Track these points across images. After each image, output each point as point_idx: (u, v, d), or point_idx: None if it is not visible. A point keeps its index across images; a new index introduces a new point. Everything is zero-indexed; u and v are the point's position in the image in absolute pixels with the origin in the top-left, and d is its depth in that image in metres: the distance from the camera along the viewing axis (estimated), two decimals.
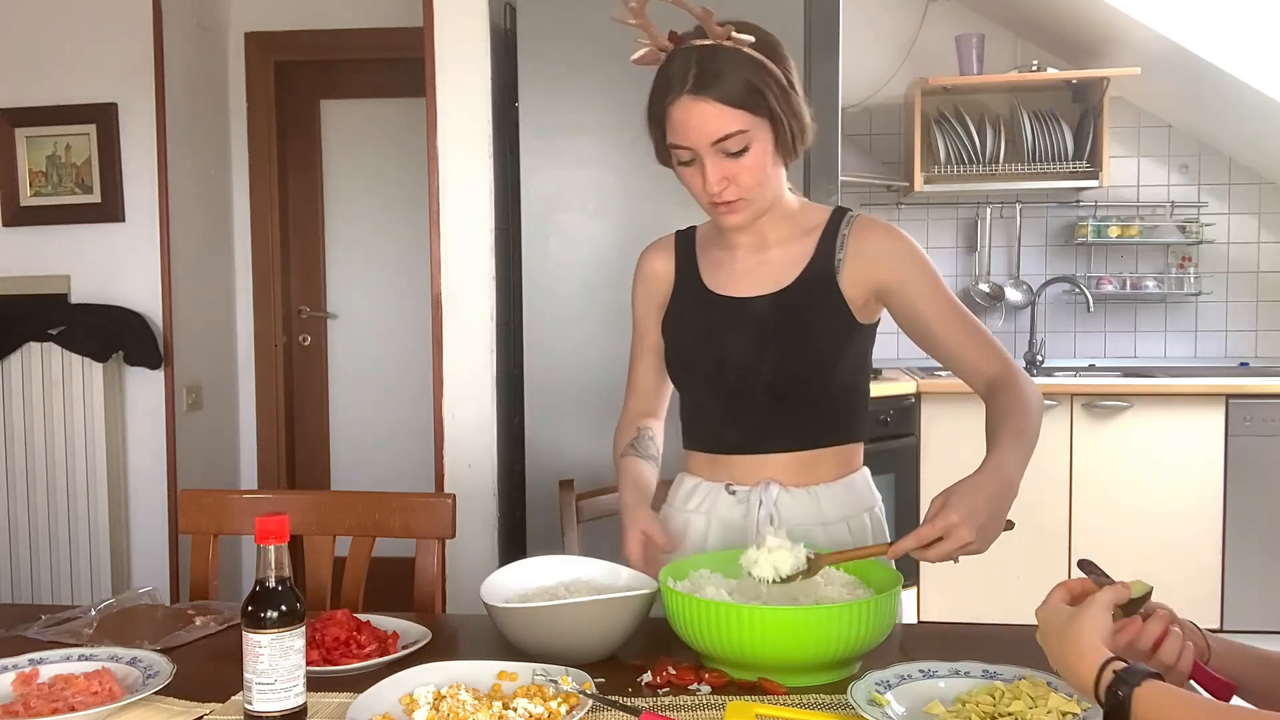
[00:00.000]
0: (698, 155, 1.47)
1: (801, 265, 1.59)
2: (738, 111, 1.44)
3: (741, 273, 1.62)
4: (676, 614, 1.28)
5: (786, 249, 1.61)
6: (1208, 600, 3.67)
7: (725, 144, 1.45)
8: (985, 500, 1.29)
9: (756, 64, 1.45)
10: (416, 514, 1.81)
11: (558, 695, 1.18)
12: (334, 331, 4.48)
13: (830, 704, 1.20)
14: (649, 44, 1.50)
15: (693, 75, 1.44)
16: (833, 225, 1.61)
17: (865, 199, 4.34)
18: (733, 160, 1.47)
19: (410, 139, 4.04)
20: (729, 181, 1.48)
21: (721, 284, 1.63)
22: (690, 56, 1.45)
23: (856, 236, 1.59)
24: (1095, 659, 0.99)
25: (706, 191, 1.49)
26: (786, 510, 1.58)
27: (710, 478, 1.65)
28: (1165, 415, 3.68)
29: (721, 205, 1.51)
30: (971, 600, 3.77)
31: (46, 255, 3.69)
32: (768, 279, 1.60)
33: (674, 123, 1.47)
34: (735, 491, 1.61)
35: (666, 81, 1.47)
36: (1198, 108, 4.10)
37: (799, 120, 1.50)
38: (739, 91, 1.44)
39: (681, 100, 1.45)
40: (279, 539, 1.15)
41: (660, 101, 1.48)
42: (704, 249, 1.68)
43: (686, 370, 1.66)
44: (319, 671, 1.30)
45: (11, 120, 3.68)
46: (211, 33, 4.10)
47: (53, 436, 3.59)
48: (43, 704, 1.19)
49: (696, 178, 1.50)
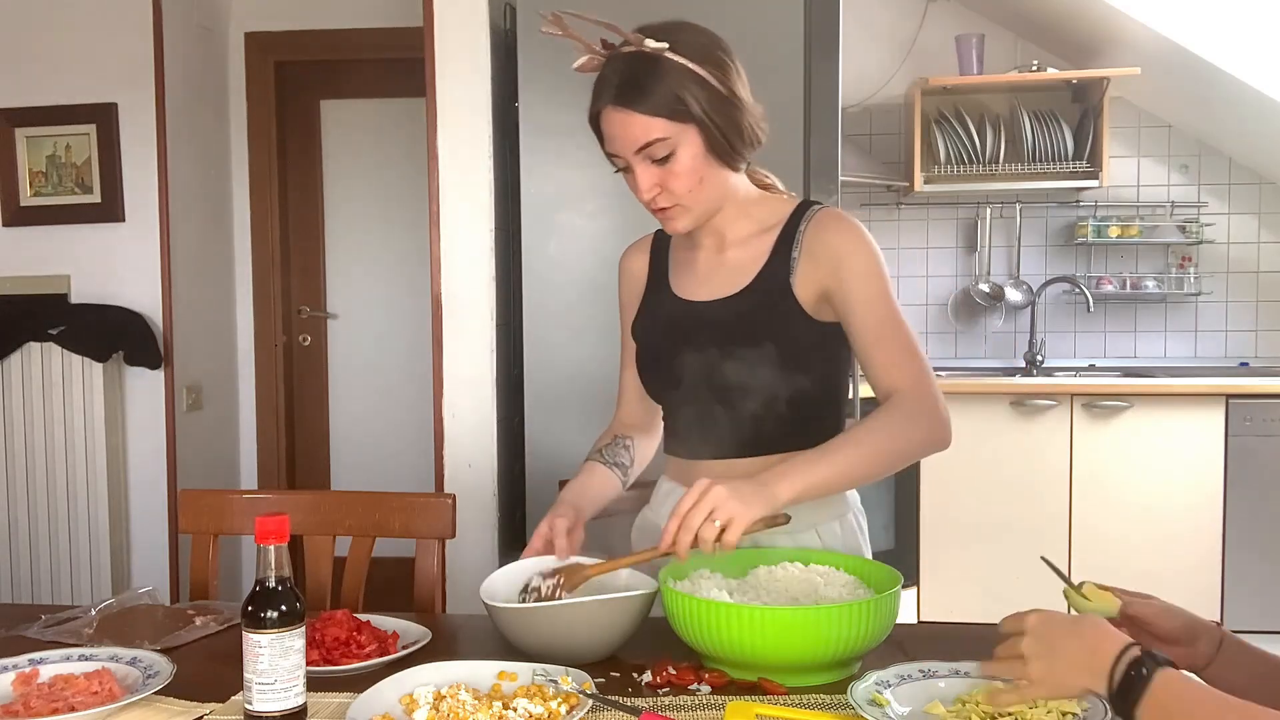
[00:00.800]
0: (629, 163, 1.49)
1: (758, 266, 1.57)
2: (658, 119, 1.43)
3: (703, 275, 1.61)
4: (676, 614, 1.28)
5: (744, 249, 1.59)
6: (1208, 600, 3.67)
7: (649, 151, 1.45)
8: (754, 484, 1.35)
9: (679, 69, 1.44)
10: (416, 514, 1.81)
11: (558, 695, 1.18)
12: (334, 331, 4.48)
13: (830, 704, 1.20)
14: (588, 53, 1.50)
15: (615, 85, 1.45)
16: (792, 222, 1.57)
17: (865, 199, 4.34)
18: (661, 167, 1.47)
19: (410, 139, 4.05)
20: (660, 188, 1.48)
21: (685, 287, 1.63)
22: (616, 66, 1.46)
23: (811, 235, 1.54)
24: (1118, 641, 1.00)
25: (638, 198, 1.51)
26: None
27: (684, 482, 1.61)
28: (1165, 415, 3.68)
29: (659, 211, 1.52)
30: (971, 600, 3.77)
31: (46, 255, 3.69)
32: (726, 281, 1.58)
33: (606, 133, 1.49)
34: None
35: (596, 93, 1.48)
36: (1198, 108, 4.10)
37: (733, 122, 1.48)
38: (659, 99, 1.43)
39: (606, 111, 1.47)
40: (279, 539, 1.15)
41: (595, 112, 1.50)
42: (677, 250, 1.68)
43: (653, 377, 1.65)
44: (319, 671, 1.30)
45: (11, 120, 3.68)
46: (211, 33, 4.10)
47: (53, 436, 3.59)
48: (43, 704, 1.19)
49: (632, 184, 1.52)
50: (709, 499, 1.31)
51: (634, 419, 1.74)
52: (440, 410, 3.00)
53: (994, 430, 3.72)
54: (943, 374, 4.03)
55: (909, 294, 4.39)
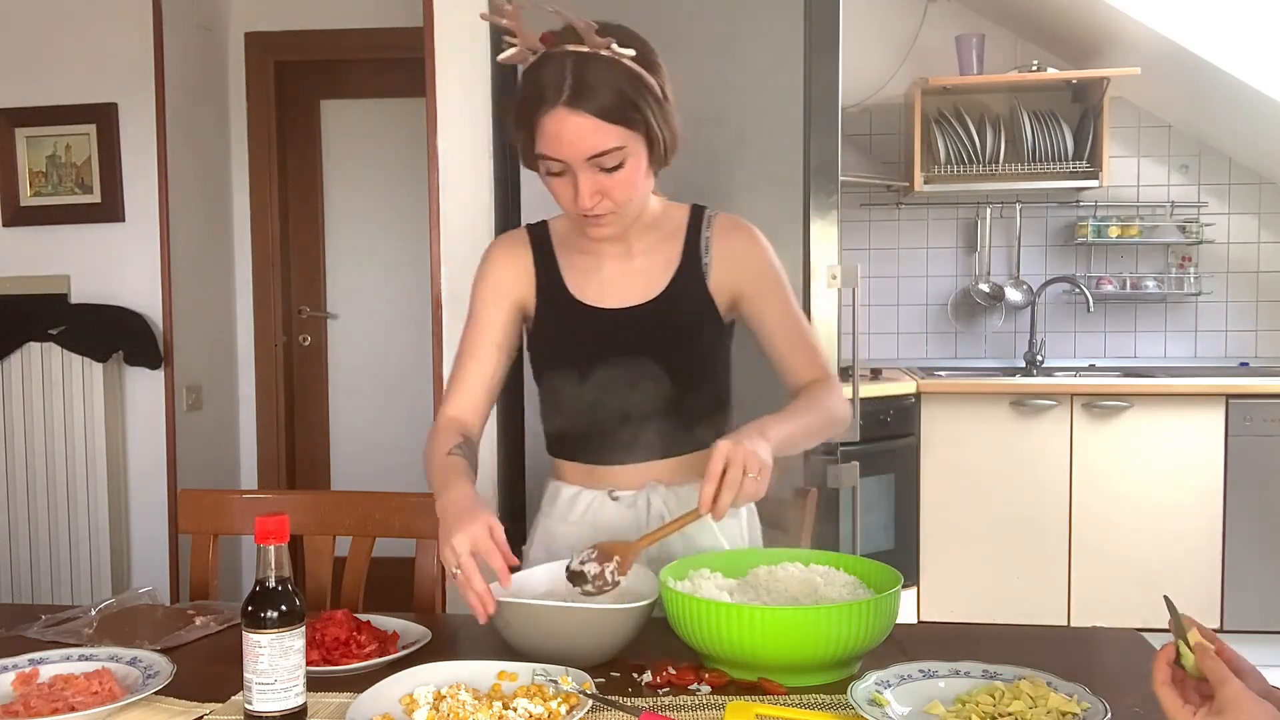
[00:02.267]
0: (569, 168, 1.43)
1: (670, 272, 1.58)
2: (614, 127, 1.40)
3: (611, 282, 1.59)
4: (676, 614, 1.28)
5: (653, 256, 1.59)
6: (1208, 600, 3.67)
7: (601, 160, 1.42)
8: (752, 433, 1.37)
9: (634, 76, 1.41)
10: (416, 514, 1.81)
11: (558, 695, 1.18)
12: (334, 331, 4.48)
13: (830, 704, 1.20)
14: (518, 43, 1.43)
15: (569, 86, 1.38)
16: (694, 227, 1.60)
17: (865, 199, 4.34)
18: (606, 175, 1.43)
19: (410, 139, 4.04)
20: (601, 195, 1.44)
21: (591, 294, 1.59)
22: (565, 64, 1.39)
23: (719, 240, 1.59)
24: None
25: (578, 205, 1.45)
26: (674, 508, 1.57)
27: (589, 485, 1.62)
28: (1165, 415, 3.68)
29: (592, 218, 1.48)
30: (971, 600, 3.77)
31: (46, 255, 3.69)
32: (638, 288, 1.58)
33: (546, 134, 1.40)
34: (619, 497, 1.59)
35: (539, 89, 1.40)
36: (1198, 108, 4.10)
37: (673, 132, 1.47)
38: (616, 106, 1.39)
39: (556, 112, 1.39)
40: (279, 539, 1.15)
41: (533, 109, 1.41)
42: (565, 251, 1.62)
43: (557, 386, 1.61)
44: (319, 671, 1.30)
45: (11, 120, 3.68)
46: (211, 33, 4.10)
47: (53, 436, 3.59)
48: (43, 704, 1.19)
49: (567, 189, 1.45)
50: (740, 456, 1.32)
51: (473, 416, 1.60)
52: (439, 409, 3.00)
53: (994, 430, 3.72)
54: (943, 374, 4.04)
55: (909, 294, 4.39)
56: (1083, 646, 1.46)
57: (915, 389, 3.76)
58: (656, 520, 1.55)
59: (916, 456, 3.78)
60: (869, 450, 3.32)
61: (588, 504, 1.61)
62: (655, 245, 1.59)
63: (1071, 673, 1.20)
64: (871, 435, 3.41)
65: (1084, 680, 1.17)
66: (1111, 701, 1.13)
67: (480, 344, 1.62)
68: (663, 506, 1.57)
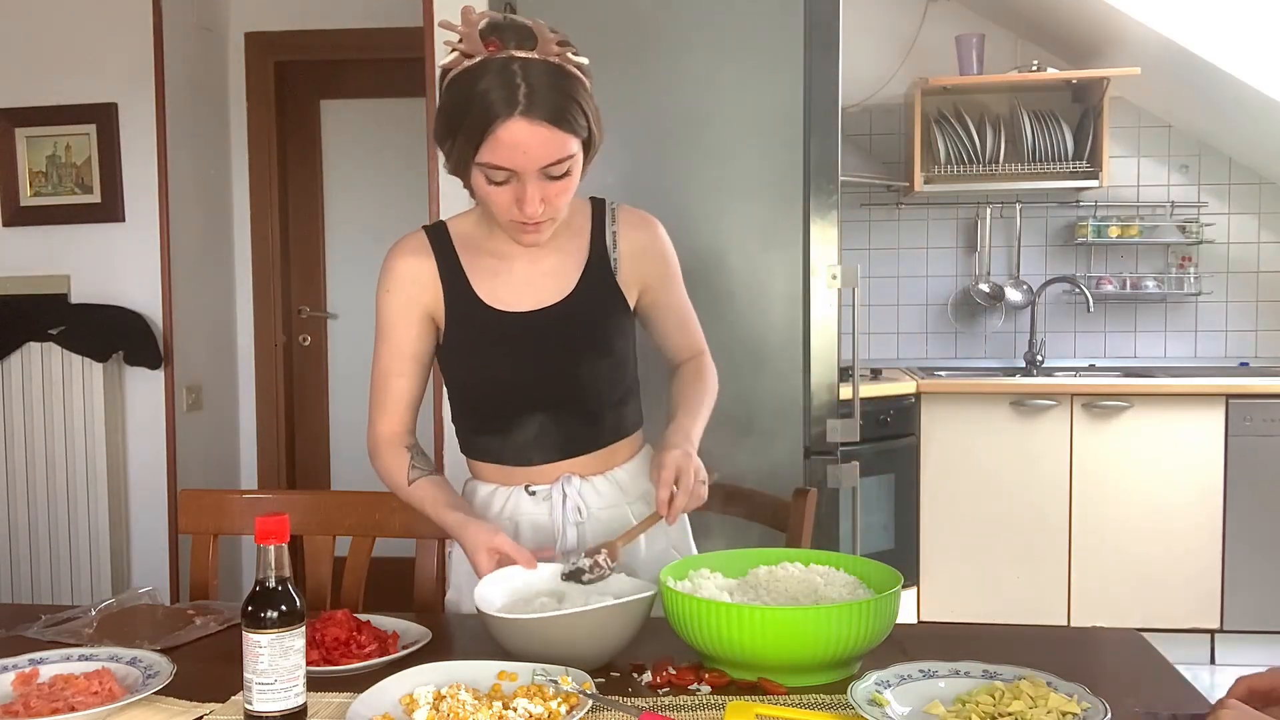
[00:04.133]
0: (517, 177, 1.41)
1: (579, 269, 1.58)
2: (567, 135, 1.39)
3: (520, 284, 1.57)
4: (676, 614, 1.28)
5: (561, 255, 1.59)
6: (1208, 600, 3.67)
7: (552, 168, 1.41)
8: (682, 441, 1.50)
9: (579, 82, 1.41)
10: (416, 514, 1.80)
11: (558, 695, 1.18)
12: (334, 331, 4.48)
13: (830, 704, 1.20)
14: (461, 47, 1.39)
15: (523, 95, 1.36)
16: (598, 222, 1.61)
17: (865, 199, 4.34)
18: (553, 183, 1.43)
19: (410, 139, 4.04)
20: (544, 203, 1.43)
21: (500, 298, 1.57)
22: (512, 71, 1.36)
23: (624, 233, 1.61)
24: None
25: (524, 213, 1.43)
26: (591, 498, 1.59)
27: (505, 482, 1.62)
28: (1165, 415, 3.68)
29: (530, 225, 1.46)
30: (971, 600, 3.77)
31: (46, 255, 3.70)
32: (549, 288, 1.57)
33: (501, 143, 1.37)
34: (536, 491, 1.60)
35: (488, 98, 1.36)
36: (1198, 108, 4.10)
37: (601, 135, 1.48)
38: (567, 114, 1.38)
39: (513, 122, 1.36)
40: (279, 539, 1.15)
41: (484, 119, 1.36)
42: (468, 254, 1.59)
43: (472, 391, 1.61)
44: (319, 671, 1.30)
45: (11, 120, 3.69)
46: (211, 33, 4.10)
47: (53, 436, 3.59)
48: (43, 704, 1.19)
49: (506, 196, 1.43)
50: (690, 465, 1.45)
51: (404, 427, 1.62)
52: (440, 410, 3.00)
53: (994, 430, 3.72)
54: (943, 374, 4.04)
55: (909, 294, 4.39)
56: (1083, 646, 1.46)
57: (915, 389, 3.76)
58: (573, 512, 1.58)
59: (916, 456, 3.78)
60: (869, 450, 3.32)
61: (504, 500, 1.62)
62: (562, 243, 1.58)
63: (1071, 673, 1.20)
64: (871, 435, 3.41)
65: (1084, 680, 1.17)
66: (1111, 701, 1.13)
67: (398, 359, 1.60)
68: (578, 498, 1.59)
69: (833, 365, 2.58)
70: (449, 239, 1.61)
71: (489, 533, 1.46)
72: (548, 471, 1.60)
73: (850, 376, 2.74)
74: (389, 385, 1.61)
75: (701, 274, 2.54)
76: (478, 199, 1.50)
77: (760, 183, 2.55)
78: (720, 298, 2.54)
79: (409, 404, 1.62)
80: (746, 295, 2.56)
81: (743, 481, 1.91)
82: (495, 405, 1.60)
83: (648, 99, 2.56)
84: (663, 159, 2.57)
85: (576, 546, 1.57)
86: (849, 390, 2.71)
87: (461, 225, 1.62)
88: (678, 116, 2.56)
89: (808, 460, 2.57)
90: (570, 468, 1.60)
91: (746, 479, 1.94)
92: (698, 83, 2.55)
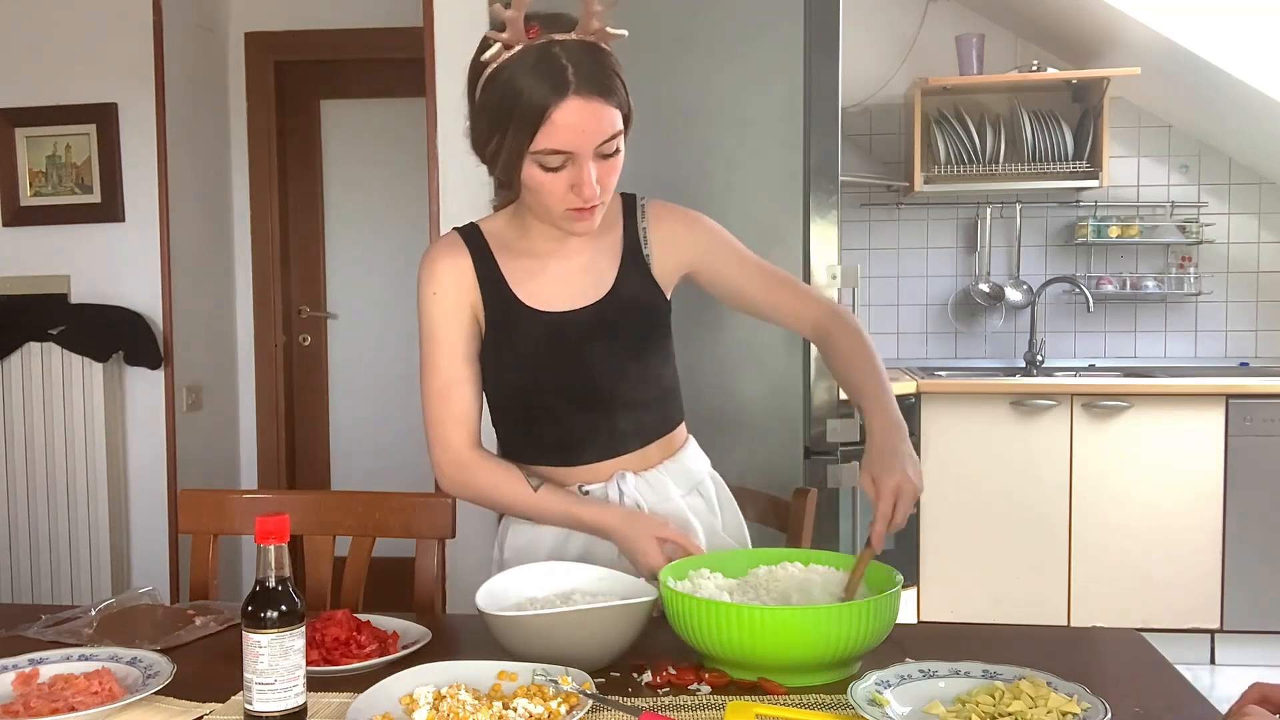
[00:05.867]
0: (575, 159, 1.39)
1: (615, 267, 1.57)
2: (615, 110, 1.39)
3: (557, 284, 1.55)
4: (676, 614, 1.28)
5: (595, 252, 1.57)
6: (1208, 600, 3.67)
7: (606, 146, 1.40)
8: (904, 452, 1.43)
9: (613, 58, 1.41)
10: (416, 514, 1.81)
11: (558, 695, 1.18)
12: (334, 331, 4.48)
13: (830, 704, 1.20)
14: (505, 38, 1.37)
15: (573, 74, 1.35)
16: (629, 218, 1.59)
17: (865, 199, 4.34)
18: (605, 162, 1.42)
19: (410, 139, 4.04)
20: (599, 184, 1.41)
21: (539, 298, 1.55)
22: (555, 54, 1.35)
23: (656, 227, 1.59)
24: None
25: (581, 196, 1.41)
26: (646, 494, 1.58)
27: (557, 483, 1.59)
28: (1165, 415, 3.68)
29: (586, 211, 1.44)
30: (971, 600, 3.77)
31: (46, 255, 3.70)
32: (586, 287, 1.56)
33: (557, 127, 1.35)
34: (589, 491, 1.58)
35: (538, 83, 1.34)
36: (1198, 108, 4.10)
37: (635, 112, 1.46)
38: (614, 89, 1.38)
39: (569, 102, 1.35)
40: (279, 539, 1.15)
41: (540, 104, 1.35)
42: (504, 254, 1.56)
43: (516, 395, 1.58)
44: (319, 671, 1.30)
45: (11, 120, 3.69)
46: (211, 33, 4.10)
47: (53, 436, 3.59)
48: (43, 704, 1.19)
49: (561, 184, 1.41)
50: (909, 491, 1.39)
51: (474, 436, 1.57)
52: None
53: (994, 430, 3.73)
54: (943, 374, 4.04)
55: (909, 294, 4.39)
56: (1083, 646, 1.46)
57: (915, 389, 3.76)
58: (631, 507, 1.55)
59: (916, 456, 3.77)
60: None
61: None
62: (594, 241, 1.57)
63: (1071, 673, 1.20)
64: None
65: (1084, 680, 1.17)
66: (1111, 701, 1.13)
67: (457, 364, 1.55)
68: (634, 493, 1.57)
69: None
70: (483, 239, 1.58)
71: (657, 523, 1.47)
72: (599, 470, 1.58)
73: None
74: (453, 395, 1.55)
75: None
76: (528, 193, 1.45)
77: (760, 183, 2.55)
78: None
79: (478, 412, 1.57)
80: None
81: (743, 482, 1.91)
82: (539, 407, 1.58)
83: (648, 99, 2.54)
84: (662, 159, 2.57)
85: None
86: None
87: (493, 225, 1.59)
88: (678, 117, 2.57)
89: (808, 460, 2.58)
90: (621, 465, 1.58)
91: (746, 479, 1.94)
92: (698, 83, 2.55)
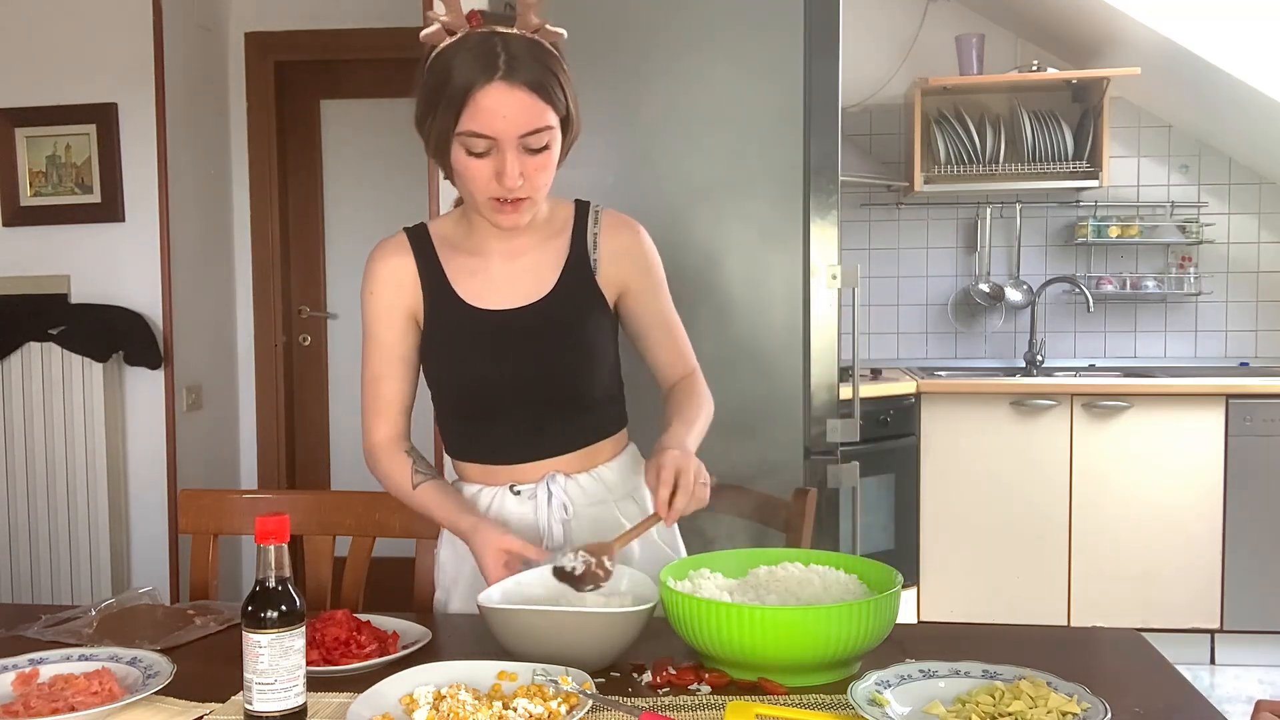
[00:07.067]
0: (497, 147, 1.42)
1: (558, 269, 1.58)
2: (545, 105, 1.41)
3: (499, 282, 1.58)
4: (676, 614, 1.28)
5: (541, 253, 1.59)
6: (1208, 600, 3.67)
7: (531, 139, 1.42)
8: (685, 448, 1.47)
9: (556, 59, 1.44)
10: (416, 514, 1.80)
11: (558, 695, 1.18)
12: (334, 331, 4.48)
13: (830, 704, 1.20)
14: (444, 19, 1.42)
15: (503, 61, 1.39)
16: (580, 223, 1.61)
17: (865, 199, 4.34)
18: (532, 156, 1.44)
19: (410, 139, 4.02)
20: (524, 178, 1.44)
21: (479, 296, 1.57)
22: (494, 42, 1.40)
23: (607, 236, 1.61)
24: None
25: (502, 185, 1.43)
26: (576, 496, 1.59)
27: (488, 482, 1.62)
28: (1165, 415, 3.68)
29: (509, 203, 1.47)
30: (971, 600, 3.77)
31: (46, 255, 3.69)
32: (527, 287, 1.57)
33: (480, 109, 1.39)
34: (520, 490, 1.60)
35: (469, 66, 1.39)
36: (1198, 108, 4.10)
37: (579, 122, 1.50)
38: (547, 85, 1.41)
39: (493, 86, 1.39)
40: (279, 539, 1.16)
41: (465, 85, 1.39)
42: (447, 254, 1.60)
43: (454, 391, 1.61)
44: (319, 671, 1.30)
45: (11, 120, 3.68)
46: (211, 33, 4.10)
47: (53, 436, 3.59)
48: (43, 704, 1.19)
49: (485, 170, 1.44)
50: (690, 465, 1.43)
51: (400, 431, 1.62)
52: None
53: (994, 430, 3.73)
54: (943, 374, 4.04)
55: (909, 294, 4.39)
56: (1083, 646, 1.46)
57: (915, 389, 3.76)
58: (559, 510, 1.57)
59: (916, 456, 3.78)
60: (869, 450, 3.32)
61: (489, 500, 1.61)
62: (542, 242, 1.59)
63: (1071, 673, 1.20)
64: (871, 435, 3.41)
65: (1084, 680, 1.17)
66: (1111, 701, 1.13)
67: (387, 362, 1.60)
68: (563, 495, 1.58)
69: (833, 365, 2.58)
70: (429, 239, 1.61)
71: (498, 534, 1.47)
72: (531, 470, 1.60)
73: (850, 376, 2.74)
74: (380, 389, 1.61)
75: (701, 274, 2.54)
76: (456, 177, 1.49)
77: (760, 183, 2.55)
78: (720, 298, 2.54)
79: (402, 407, 1.62)
80: (746, 295, 2.56)
81: (743, 481, 1.91)
82: (476, 404, 1.60)
83: (648, 99, 2.56)
84: (663, 159, 2.57)
85: (564, 544, 1.56)
86: (849, 390, 2.71)
87: (441, 226, 1.64)
88: (678, 117, 2.56)
89: (808, 460, 2.57)
90: (554, 466, 1.60)
91: (747, 479, 1.94)
92: (698, 83, 2.55)
